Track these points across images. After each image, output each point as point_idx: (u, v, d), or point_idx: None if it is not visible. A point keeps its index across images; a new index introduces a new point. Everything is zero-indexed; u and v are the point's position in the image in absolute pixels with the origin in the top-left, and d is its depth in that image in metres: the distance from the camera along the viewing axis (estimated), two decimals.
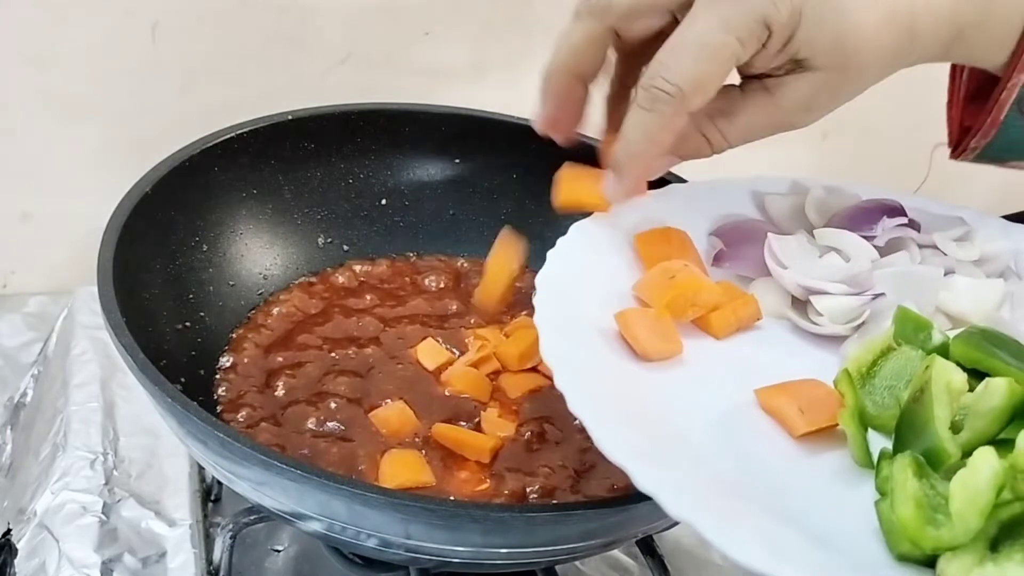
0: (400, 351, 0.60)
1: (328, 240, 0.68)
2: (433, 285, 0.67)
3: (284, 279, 0.66)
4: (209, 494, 0.61)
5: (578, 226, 0.51)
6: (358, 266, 0.67)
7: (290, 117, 0.65)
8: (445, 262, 0.69)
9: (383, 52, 0.81)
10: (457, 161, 0.70)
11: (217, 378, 0.58)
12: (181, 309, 0.59)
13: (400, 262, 0.68)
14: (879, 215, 0.54)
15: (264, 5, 0.76)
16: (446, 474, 0.53)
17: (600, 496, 0.53)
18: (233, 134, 0.63)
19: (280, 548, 0.59)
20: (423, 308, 0.65)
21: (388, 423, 0.55)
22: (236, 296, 0.63)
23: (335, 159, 0.68)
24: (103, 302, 0.50)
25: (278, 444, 0.54)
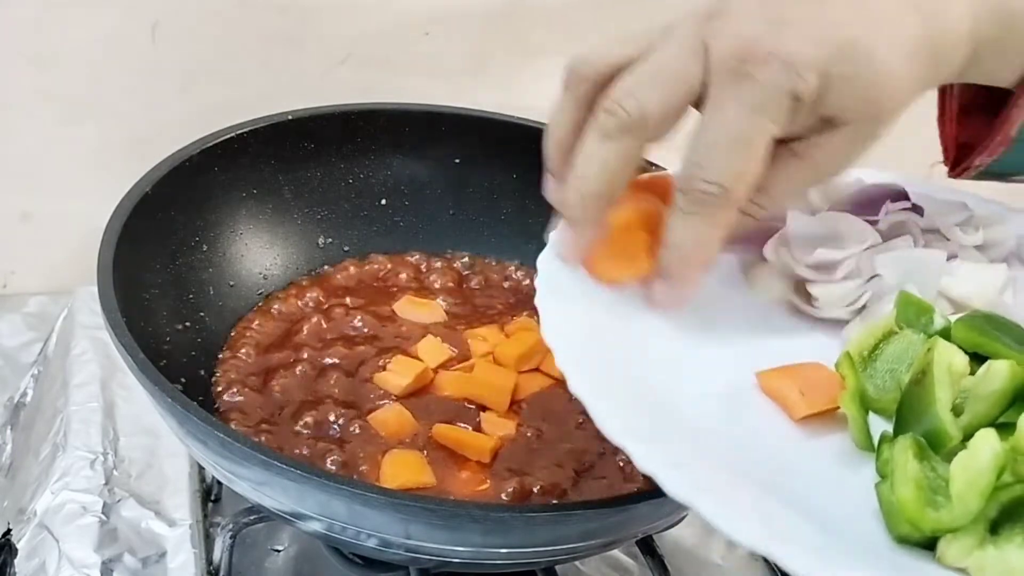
0: (400, 350, 0.60)
1: (328, 240, 0.68)
2: (433, 285, 0.67)
3: (284, 279, 0.66)
4: (209, 494, 0.61)
5: None
6: (358, 266, 0.67)
7: (290, 117, 0.65)
8: (445, 262, 0.69)
9: (383, 52, 0.81)
10: (457, 161, 0.70)
11: (217, 378, 0.58)
12: (181, 309, 0.59)
13: (400, 262, 0.68)
14: (882, 199, 0.54)
15: (264, 5, 0.76)
16: (447, 474, 0.53)
17: (600, 496, 0.53)
18: (233, 134, 0.63)
19: (280, 548, 0.59)
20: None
21: (386, 425, 0.55)
22: (236, 296, 0.63)
23: (335, 159, 0.68)
24: (103, 302, 0.50)
25: (277, 445, 0.54)
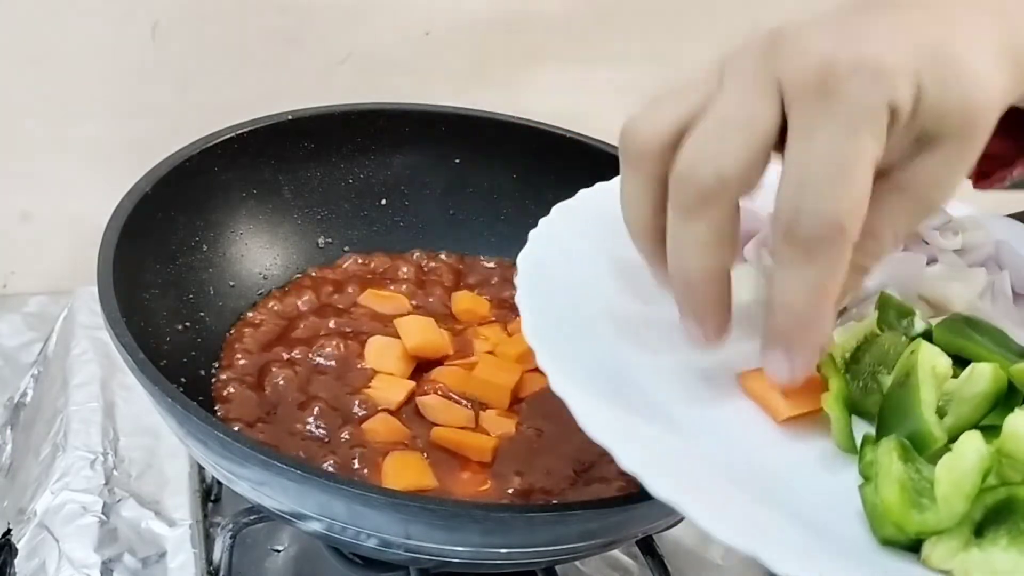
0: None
1: (328, 240, 0.68)
2: (433, 284, 0.67)
3: (284, 279, 0.66)
4: (209, 494, 0.61)
5: (560, 207, 0.51)
6: (358, 266, 0.67)
7: (290, 117, 0.65)
8: (446, 262, 0.69)
9: (383, 52, 0.81)
10: (457, 161, 0.70)
11: (217, 378, 0.58)
12: (181, 309, 0.59)
13: (400, 262, 0.68)
14: None
15: (264, 5, 0.76)
16: (448, 475, 0.53)
17: (600, 496, 0.53)
18: (233, 134, 0.63)
19: (280, 548, 0.59)
20: (424, 308, 0.65)
21: (377, 434, 0.55)
22: (236, 296, 0.63)
23: (335, 159, 0.68)
24: (103, 302, 0.50)
25: (276, 445, 0.53)
